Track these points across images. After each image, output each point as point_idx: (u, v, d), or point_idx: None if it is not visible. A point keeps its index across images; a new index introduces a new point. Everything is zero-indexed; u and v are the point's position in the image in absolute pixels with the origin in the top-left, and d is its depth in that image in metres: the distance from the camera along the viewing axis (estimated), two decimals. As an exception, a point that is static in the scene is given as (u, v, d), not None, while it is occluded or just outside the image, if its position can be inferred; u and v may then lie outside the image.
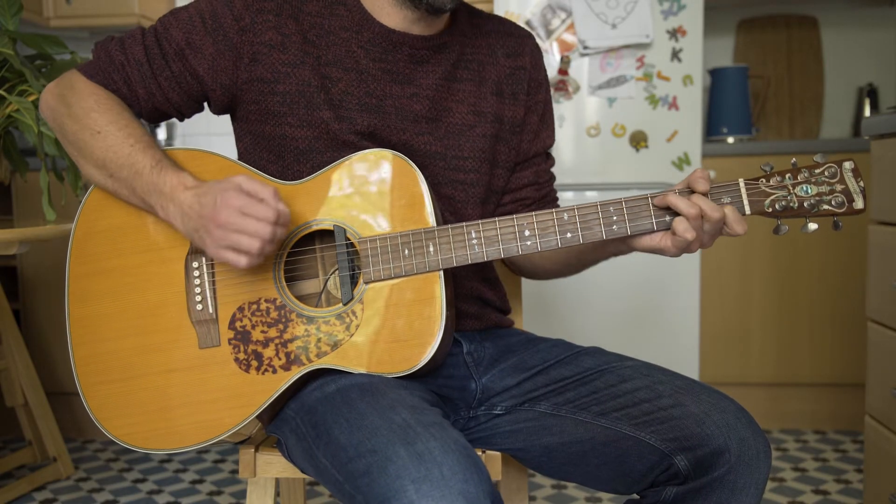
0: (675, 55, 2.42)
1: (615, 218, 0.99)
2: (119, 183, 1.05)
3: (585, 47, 2.42)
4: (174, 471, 2.37)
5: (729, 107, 2.79)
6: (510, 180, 1.22)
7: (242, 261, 0.95)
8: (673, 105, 2.44)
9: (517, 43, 1.21)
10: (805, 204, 0.97)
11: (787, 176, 0.98)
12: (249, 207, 0.93)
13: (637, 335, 2.52)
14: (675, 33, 2.42)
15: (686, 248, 0.99)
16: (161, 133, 3.07)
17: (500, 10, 2.46)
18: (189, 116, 1.16)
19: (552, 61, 2.45)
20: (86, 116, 1.06)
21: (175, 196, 0.99)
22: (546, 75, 1.25)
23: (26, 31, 2.18)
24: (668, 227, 0.99)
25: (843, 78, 3.03)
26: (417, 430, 0.83)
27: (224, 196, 0.94)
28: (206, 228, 0.96)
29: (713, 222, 0.96)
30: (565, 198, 2.51)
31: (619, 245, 1.07)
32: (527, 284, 2.50)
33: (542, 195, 1.25)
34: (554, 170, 1.29)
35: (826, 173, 0.97)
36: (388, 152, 1.03)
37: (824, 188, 0.97)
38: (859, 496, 2.09)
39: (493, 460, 1.10)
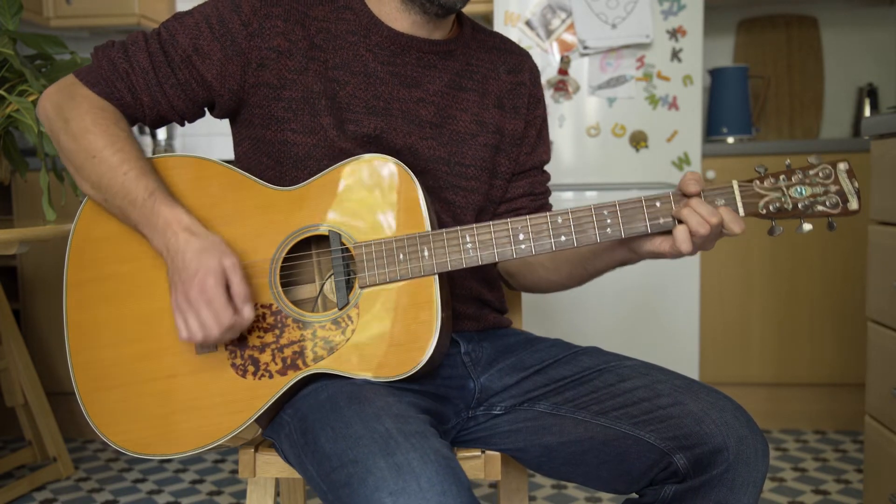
0: (675, 55, 2.43)
1: (609, 221, 0.99)
2: (113, 207, 1.04)
3: (585, 47, 2.42)
4: (174, 471, 2.37)
5: (729, 107, 2.79)
6: (506, 191, 1.22)
7: (183, 334, 0.97)
8: (673, 105, 2.44)
9: (517, 60, 1.23)
10: (799, 205, 0.97)
11: (782, 177, 0.98)
12: (216, 301, 0.95)
13: (636, 335, 2.52)
14: (675, 33, 2.42)
15: (688, 251, 0.98)
16: (161, 133, 3.07)
17: (499, 10, 2.46)
18: (191, 122, 1.16)
19: (552, 61, 2.46)
20: (82, 137, 1.04)
21: (166, 232, 0.99)
22: (543, 93, 1.27)
23: (26, 31, 2.18)
24: (661, 230, 0.99)
25: (843, 78, 3.03)
26: (398, 441, 0.83)
27: (204, 276, 0.95)
28: (175, 286, 0.98)
29: (714, 226, 0.95)
30: (565, 198, 2.51)
31: (627, 253, 1.07)
32: (527, 284, 2.50)
33: (538, 206, 1.25)
34: (552, 172, 1.29)
35: (820, 174, 0.97)
36: (383, 157, 1.03)
37: (819, 189, 0.97)
38: (859, 496, 2.09)
39: (492, 460, 1.10)
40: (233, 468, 2.38)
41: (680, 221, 0.97)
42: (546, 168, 1.29)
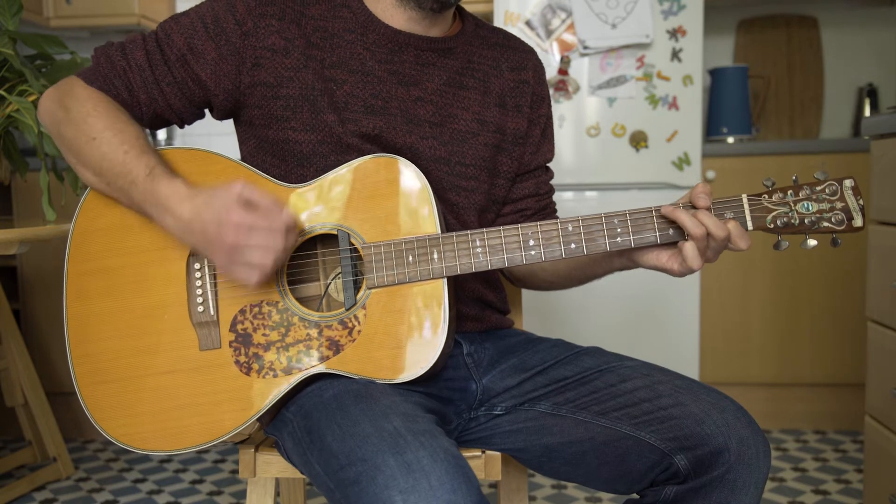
0: (675, 55, 2.43)
1: (619, 230, 1.00)
2: (117, 191, 1.04)
3: (585, 47, 2.42)
4: (174, 471, 2.37)
5: (729, 107, 2.79)
6: (511, 191, 1.22)
7: (254, 276, 0.95)
8: (673, 105, 2.44)
9: (521, 57, 1.22)
10: (806, 220, 0.98)
11: (789, 192, 0.99)
12: (257, 222, 0.93)
13: (637, 335, 2.52)
14: (675, 33, 2.42)
15: (698, 266, 0.99)
16: (161, 133, 3.06)
17: (499, 10, 2.46)
18: (189, 123, 1.16)
19: (552, 61, 2.46)
20: (83, 122, 1.05)
21: (170, 207, 0.98)
22: (548, 91, 1.26)
23: (26, 31, 2.18)
24: (671, 241, 1.00)
25: (843, 78, 3.03)
26: (408, 439, 0.83)
27: (227, 215, 0.93)
28: (213, 250, 0.95)
29: (719, 241, 0.96)
30: (565, 198, 2.51)
31: (625, 261, 1.07)
32: (527, 284, 2.50)
33: (542, 206, 1.26)
34: (553, 171, 1.29)
35: (827, 191, 0.98)
36: (393, 157, 1.03)
37: (825, 205, 0.98)
38: (859, 496, 2.09)
39: (493, 460, 1.10)
40: (233, 468, 2.38)
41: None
42: (549, 164, 1.29)
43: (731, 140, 2.74)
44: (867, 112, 2.93)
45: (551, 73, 2.45)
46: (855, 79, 3.02)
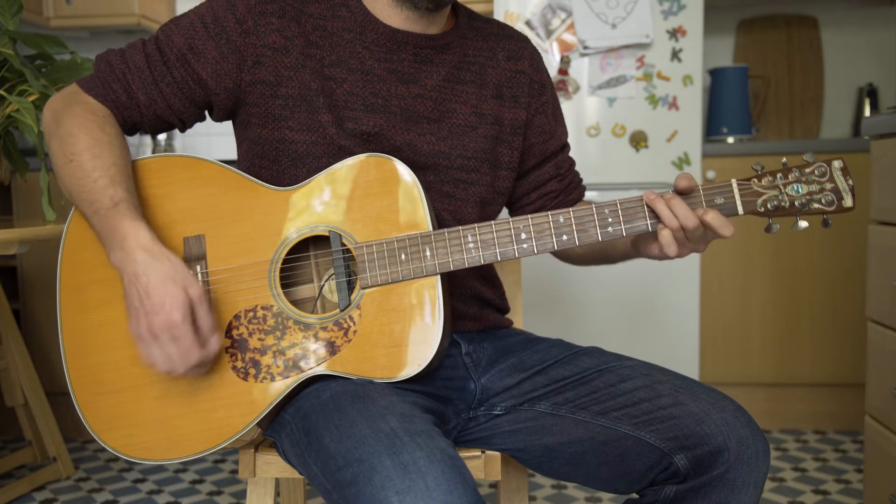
0: (675, 55, 2.43)
1: (610, 220, 1.00)
2: (83, 212, 1.03)
3: (585, 47, 2.42)
4: (174, 471, 2.37)
5: (729, 107, 2.79)
6: (533, 178, 1.24)
7: (146, 361, 0.96)
8: (673, 105, 2.44)
9: (517, 46, 1.23)
10: (796, 203, 0.99)
11: (779, 175, 1.00)
12: (184, 339, 0.94)
13: (637, 335, 2.52)
14: (675, 33, 2.42)
15: (675, 254, 1.01)
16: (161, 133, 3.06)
17: (500, 9, 2.46)
18: (190, 125, 1.15)
19: (552, 61, 2.46)
20: (66, 139, 1.03)
21: (125, 248, 0.96)
22: (548, 76, 1.26)
23: (26, 31, 2.18)
24: None
25: (843, 78, 3.03)
26: (404, 440, 0.83)
27: (171, 310, 0.93)
28: (137, 313, 0.95)
29: (690, 230, 0.98)
30: (565, 198, 2.51)
31: (632, 251, 1.11)
32: (526, 284, 2.50)
33: (566, 184, 1.28)
34: (570, 144, 1.31)
35: (816, 172, 0.99)
36: (383, 156, 1.03)
37: (814, 187, 0.99)
38: (859, 496, 2.09)
39: (492, 460, 1.10)
40: (233, 468, 2.38)
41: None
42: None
43: (731, 140, 2.74)
44: (867, 112, 2.93)
45: (551, 73, 2.45)
46: (855, 79, 3.02)
